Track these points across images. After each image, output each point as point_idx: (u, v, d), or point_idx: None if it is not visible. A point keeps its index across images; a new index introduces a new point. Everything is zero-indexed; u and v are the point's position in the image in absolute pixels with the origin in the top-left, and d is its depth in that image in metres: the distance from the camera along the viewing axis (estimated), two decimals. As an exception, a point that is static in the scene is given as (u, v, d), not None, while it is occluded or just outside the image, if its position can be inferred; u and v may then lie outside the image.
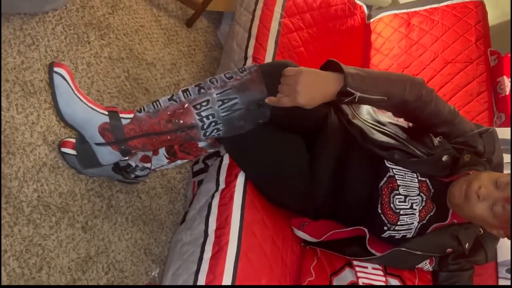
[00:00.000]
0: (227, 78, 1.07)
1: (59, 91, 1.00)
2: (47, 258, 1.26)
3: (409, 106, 1.13)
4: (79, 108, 1.03)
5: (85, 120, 1.03)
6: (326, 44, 1.75)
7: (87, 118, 1.03)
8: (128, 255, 1.44)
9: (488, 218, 1.11)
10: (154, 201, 1.56)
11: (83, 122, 1.04)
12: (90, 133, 1.05)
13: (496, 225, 1.12)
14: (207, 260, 1.21)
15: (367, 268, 1.26)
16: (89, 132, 1.05)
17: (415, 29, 1.87)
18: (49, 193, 1.31)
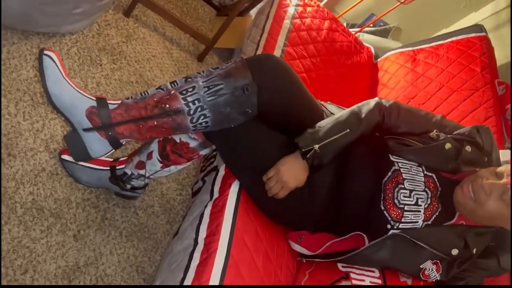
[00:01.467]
0: (213, 69, 1.11)
1: (48, 72, 1.05)
2: (33, 262, 1.24)
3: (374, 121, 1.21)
4: (67, 91, 1.07)
5: (72, 103, 1.07)
6: (330, 74, 1.79)
7: (75, 102, 1.07)
8: (119, 270, 1.39)
9: (502, 210, 1.08)
10: (151, 219, 1.54)
11: (70, 105, 1.07)
12: (78, 118, 1.07)
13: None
14: (193, 268, 1.16)
15: (365, 281, 1.17)
16: (76, 117, 1.08)
17: (420, 64, 1.89)
18: (44, 197, 1.32)
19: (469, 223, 1.19)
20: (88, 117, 1.07)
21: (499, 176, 1.10)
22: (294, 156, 1.18)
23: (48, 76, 1.06)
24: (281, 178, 1.15)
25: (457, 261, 1.17)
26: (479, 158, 1.21)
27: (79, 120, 1.08)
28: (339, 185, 1.24)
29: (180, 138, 1.22)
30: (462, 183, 1.15)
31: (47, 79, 1.06)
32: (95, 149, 1.12)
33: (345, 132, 1.17)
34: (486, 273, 1.18)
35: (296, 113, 1.20)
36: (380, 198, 1.18)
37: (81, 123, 1.08)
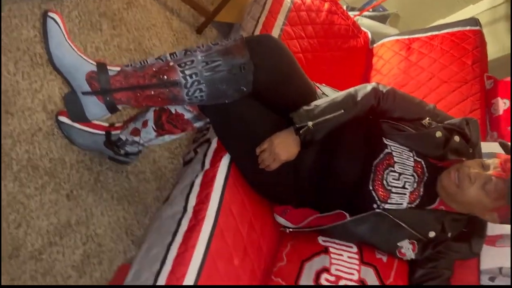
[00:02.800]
0: (213, 44, 1.14)
1: (51, 34, 1.08)
2: (27, 217, 1.28)
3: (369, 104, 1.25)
4: (69, 54, 1.10)
5: (73, 66, 1.10)
6: (326, 57, 1.82)
7: (76, 65, 1.10)
8: (109, 231, 1.45)
9: (482, 199, 1.14)
10: (142, 184, 1.59)
11: (71, 68, 1.10)
12: (78, 81, 1.10)
13: (490, 206, 1.15)
14: (181, 233, 1.22)
15: (342, 256, 1.24)
16: (76, 80, 1.11)
17: (414, 52, 1.93)
18: (39, 156, 1.36)
19: (448, 208, 1.26)
20: (88, 81, 1.10)
21: (485, 167, 1.17)
22: (288, 131, 1.23)
23: (52, 38, 1.08)
24: (274, 150, 1.20)
25: (433, 243, 1.24)
26: (465, 149, 1.27)
27: (79, 83, 1.11)
28: (328, 163, 1.30)
29: (176, 109, 1.26)
30: (450, 169, 1.21)
31: (50, 41, 1.08)
32: (92, 111, 1.15)
33: (339, 113, 1.22)
34: (457, 256, 1.25)
35: (290, 93, 1.24)
36: (369, 178, 1.24)
37: (81, 86, 1.11)
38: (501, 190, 1.11)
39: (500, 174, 1.12)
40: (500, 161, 1.16)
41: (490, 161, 1.18)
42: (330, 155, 1.30)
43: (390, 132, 1.26)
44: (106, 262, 1.41)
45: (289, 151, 1.22)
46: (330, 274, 1.22)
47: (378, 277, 1.22)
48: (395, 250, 1.24)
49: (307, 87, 1.30)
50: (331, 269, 1.23)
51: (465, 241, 1.25)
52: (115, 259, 1.44)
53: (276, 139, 1.22)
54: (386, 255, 1.28)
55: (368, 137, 1.28)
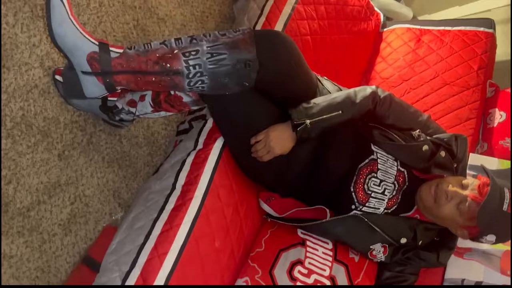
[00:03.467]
0: (220, 35, 1.11)
1: (54, 11, 1.04)
2: (17, 174, 1.30)
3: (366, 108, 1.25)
4: (71, 32, 1.07)
5: (75, 45, 1.07)
6: (334, 40, 1.78)
7: (77, 44, 1.07)
8: (97, 192, 1.48)
9: (455, 217, 1.20)
10: (134, 149, 1.60)
11: (72, 46, 1.07)
12: (78, 60, 1.08)
13: (461, 224, 1.21)
14: (168, 211, 1.26)
15: (318, 251, 1.30)
16: (77, 59, 1.09)
17: (423, 46, 1.90)
18: (34, 114, 1.35)
19: (422, 218, 1.32)
20: (89, 62, 1.08)
21: (464, 187, 1.21)
22: (285, 125, 1.24)
23: (54, 15, 1.04)
24: (269, 143, 1.23)
25: (403, 248, 1.31)
26: (449, 164, 1.31)
27: (79, 62, 1.08)
28: (318, 160, 1.33)
29: (175, 91, 1.24)
30: (431, 183, 1.25)
31: (53, 18, 1.04)
32: (90, 90, 1.14)
33: (337, 113, 1.23)
34: (424, 264, 1.33)
35: (292, 90, 1.24)
36: (352, 180, 1.28)
37: (81, 65, 1.09)
38: (473, 212, 1.16)
39: (475, 197, 1.17)
40: (479, 183, 1.20)
41: (470, 181, 1.22)
42: (321, 153, 1.33)
43: (379, 139, 1.28)
44: (92, 222, 1.46)
45: (284, 146, 1.24)
46: (303, 267, 1.29)
47: (348, 276, 1.29)
48: (367, 252, 1.31)
49: (309, 85, 1.30)
50: (305, 262, 1.29)
51: (434, 251, 1.32)
52: (100, 220, 1.49)
53: (272, 132, 1.23)
54: (358, 255, 1.35)
55: (357, 140, 1.31)
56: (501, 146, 1.59)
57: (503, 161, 1.51)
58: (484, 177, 1.22)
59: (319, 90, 1.37)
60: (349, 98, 1.26)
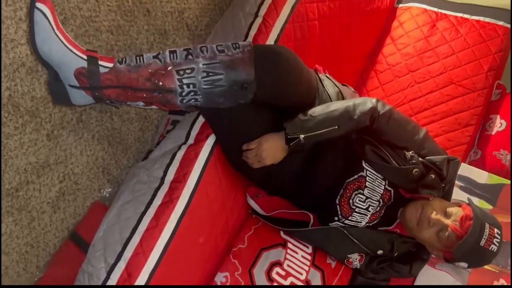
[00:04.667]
0: (218, 51, 1.04)
1: (38, 28, 0.96)
2: (5, 156, 1.29)
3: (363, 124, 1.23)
4: (57, 48, 0.99)
5: (61, 61, 1.01)
6: (342, 23, 1.67)
7: (64, 60, 1.01)
8: (86, 170, 1.49)
9: (433, 242, 1.24)
10: (125, 125, 1.57)
11: (59, 62, 1.01)
12: (65, 75, 1.03)
13: (438, 248, 1.25)
14: (155, 207, 1.28)
15: (297, 254, 1.36)
16: (64, 74, 1.03)
17: (436, 34, 1.79)
18: (21, 94, 1.30)
19: (402, 232, 1.36)
20: (76, 77, 1.02)
21: (448, 215, 1.23)
22: (278, 137, 1.22)
23: (38, 32, 0.96)
24: (261, 153, 1.22)
25: (378, 259, 1.37)
26: (437, 186, 1.31)
27: (66, 76, 1.02)
28: (307, 169, 1.33)
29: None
30: (417, 205, 1.26)
31: (37, 35, 0.96)
32: (78, 100, 1.09)
33: (333, 128, 1.21)
34: (396, 275, 1.40)
35: (289, 103, 1.21)
36: (338, 193, 1.30)
37: (68, 80, 1.03)
38: (451, 242, 1.20)
39: (455, 229, 1.19)
40: (462, 215, 1.21)
41: (454, 211, 1.24)
42: (312, 162, 1.32)
43: (371, 158, 1.27)
44: (81, 198, 1.49)
45: (275, 157, 1.24)
46: (281, 269, 1.35)
47: (323, 281, 1.36)
48: (344, 260, 1.37)
49: (308, 92, 1.26)
50: (284, 264, 1.36)
51: (407, 263, 1.38)
52: (89, 196, 1.51)
53: (265, 143, 1.21)
54: (335, 261, 1.40)
55: (349, 154, 1.30)
56: (494, 157, 1.58)
57: (493, 176, 1.51)
58: (467, 208, 1.23)
59: (319, 95, 1.32)
60: (347, 112, 1.22)
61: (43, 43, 0.99)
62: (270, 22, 1.44)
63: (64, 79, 1.05)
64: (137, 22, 1.54)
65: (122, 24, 1.50)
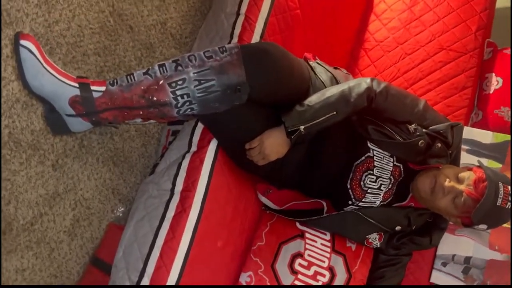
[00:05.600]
0: (206, 58, 1.05)
1: (26, 65, 0.97)
2: (15, 193, 1.30)
3: (361, 106, 1.23)
4: (48, 82, 1.00)
5: (55, 93, 1.02)
6: (324, 6, 1.67)
7: (57, 92, 1.02)
8: (96, 193, 1.50)
9: (450, 210, 1.24)
10: (127, 143, 1.58)
11: (52, 95, 1.02)
12: (60, 105, 1.03)
13: (456, 215, 1.25)
14: (169, 219, 1.29)
15: (316, 242, 1.36)
16: (59, 104, 1.04)
17: (419, 3, 1.79)
18: (20, 130, 1.31)
19: (416, 205, 1.36)
20: (72, 106, 1.03)
21: (460, 180, 1.23)
22: (279, 131, 1.23)
23: (27, 69, 0.97)
24: (264, 150, 1.22)
25: (398, 235, 1.37)
26: (444, 153, 1.31)
27: (61, 107, 1.03)
28: (313, 158, 1.33)
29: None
30: (429, 175, 1.26)
31: (26, 73, 0.97)
32: (77, 127, 1.10)
33: (331, 114, 1.21)
34: (418, 248, 1.40)
35: (283, 98, 1.21)
36: (348, 177, 1.30)
37: (64, 109, 1.04)
38: (468, 206, 1.20)
39: (471, 193, 1.19)
40: (474, 178, 1.21)
41: (466, 175, 1.24)
42: (316, 151, 1.32)
43: (375, 136, 1.27)
44: (96, 222, 1.50)
45: (279, 152, 1.24)
46: (303, 259, 1.36)
47: (346, 265, 1.37)
48: (363, 241, 1.38)
49: (301, 85, 1.26)
50: (305, 254, 1.36)
51: (426, 235, 1.38)
52: (103, 219, 1.52)
53: (267, 139, 1.22)
54: (355, 244, 1.41)
55: (353, 137, 1.30)
56: (496, 115, 1.58)
57: (498, 134, 1.51)
58: (479, 170, 1.23)
59: (312, 83, 1.32)
60: (343, 96, 1.22)
61: (34, 79, 1.00)
62: (252, 18, 1.44)
63: (60, 110, 1.06)
64: (122, 40, 1.55)
65: (108, 44, 1.51)
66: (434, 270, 1.45)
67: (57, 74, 1.04)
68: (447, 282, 1.42)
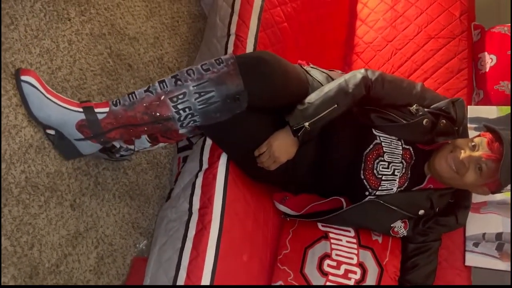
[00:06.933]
0: (204, 70, 1.09)
1: (30, 99, 1.03)
2: (38, 236, 1.32)
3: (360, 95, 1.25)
4: (53, 111, 1.05)
5: (62, 121, 1.06)
6: (310, 18, 1.74)
7: (63, 119, 1.06)
8: (117, 229, 1.51)
9: (477, 181, 1.22)
10: (140, 176, 1.61)
11: (59, 122, 1.07)
12: (68, 131, 1.08)
13: (483, 184, 1.24)
14: (191, 238, 1.28)
15: (342, 241, 1.34)
16: (67, 131, 1.08)
17: (400, 1, 1.85)
18: (36, 173, 1.35)
19: (436, 185, 1.35)
20: (79, 130, 1.07)
21: (475, 148, 1.22)
22: (285, 132, 1.25)
23: (32, 103, 1.03)
24: (273, 153, 1.24)
25: (423, 219, 1.35)
26: (451, 130, 1.32)
27: (69, 132, 1.08)
28: (322, 154, 1.34)
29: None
30: (445, 154, 1.25)
31: (31, 106, 1.03)
32: (87, 150, 1.13)
33: (333, 108, 1.23)
34: (445, 229, 1.37)
35: (283, 102, 1.24)
36: (360, 168, 1.30)
37: (73, 135, 1.08)
38: (491, 169, 1.19)
39: (489, 156, 1.19)
40: (487, 140, 1.21)
41: (477, 141, 1.24)
42: (324, 147, 1.34)
43: (379, 122, 1.29)
44: (120, 258, 1.50)
45: (288, 152, 1.25)
46: (331, 260, 1.33)
47: (375, 259, 1.34)
48: (388, 231, 1.35)
49: (299, 88, 1.29)
50: (332, 255, 1.34)
51: (451, 214, 1.36)
52: (127, 254, 1.52)
53: (274, 142, 1.23)
54: (381, 236, 1.39)
55: (358, 128, 1.32)
56: (497, 91, 1.59)
57: (502, 107, 1.52)
58: (487, 133, 1.23)
59: (310, 85, 1.36)
60: (342, 89, 1.25)
61: (40, 111, 1.05)
62: (243, 36, 1.51)
63: (68, 136, 1.10)
64: (123, 79, 1.61)
65: (110, 84, 1.57)
66: (467, 252, 1.41)
67: (61, 102, 1.08)
68: (483, 262, 1.38)
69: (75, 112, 1.08)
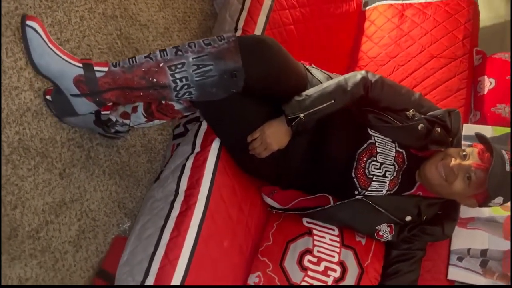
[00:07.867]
0: (205, 45, 1.11)
1: (32, 45, 1.05)
2: (22, 198, 1.32)
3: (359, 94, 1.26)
4: (53, 61, 1.07)
5: (60, 72, 1.08)
6: (317, 26, 1.79)
7: (62, 70, 1.08)
8: (102, 205, 1.50)
9: (465, 190, 1.22)
10: (132, 158, 1.62)
11: (58, 74, 1.08)
12: (65, 85, 1.09)
13: (471, 194, 1.23)
14: (174, 218, 1.27)
15: (325, 238, 1.33)
16: (64, 84, 1.10)
17: (407, 21, 1.90)
18: (30, 137, 1.36)
19: (425, 194, 1.34)
20: (76, 85, 1.09)
21: (465, 157, 1.23)
22: (279, 121, 1.26)
23: (34, 49, 1.05)
24: (265, 140, 1.24)
25: (409, 226, 1.34)
26: (445, 139, 1.33)
27: (66, 86, 1.09)
28: (316, 150, 1.35)
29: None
30: (436, 162, 1.26)
31: (33, 52, 1.05)
32: (82, 109, 1.15)
33: (330, 103, 1.25)
34: (430, 238, 1.36)
35: (281, 89, 1.26)
36: (352, 166, 1.30)
37: (69, 89, 1.10)
38: (480, 179, 1.19)
39: (479, 165, 1.19)
40: (478, 150, 1.22)
41: (468, 151, 1.24)
42: (318, 142, 1.34)
43: (375, 123, 1.30)
44: (101, 235, 1.48)
45: (281, 141, 1.26)
46: (312, 256, 1.32)
47: (357, 259, 1.32)
48: (373, 233, 1.34)
49: (298, 81, 1.31)
50: (314, 251, 1.32)
51: (438, 224, 1.35)
52: (109, 232, 1.51)
53: (268, 129, 1.24)
54: (365, 238, 1.37)
55: (353, 127, 1.32)
56: (493, 113, 1.61)
57: (497, 128, 1.53)
58: (479, 144, 1.24)
59: (309, 81, 1.38)
60: (341, 86, 1.27)
61: (40, 59, 1.07)
62: (249, 31, 1.54)
63: (65, 90, 1.11)
64: (128, 61, 1.65)
65: (115, 64, 1.60)
66: (450, 266, 1.39)
67: (62, 54, 1.11)
68: (465, 277, 1.35)
69: (74, 67, 1.10)
